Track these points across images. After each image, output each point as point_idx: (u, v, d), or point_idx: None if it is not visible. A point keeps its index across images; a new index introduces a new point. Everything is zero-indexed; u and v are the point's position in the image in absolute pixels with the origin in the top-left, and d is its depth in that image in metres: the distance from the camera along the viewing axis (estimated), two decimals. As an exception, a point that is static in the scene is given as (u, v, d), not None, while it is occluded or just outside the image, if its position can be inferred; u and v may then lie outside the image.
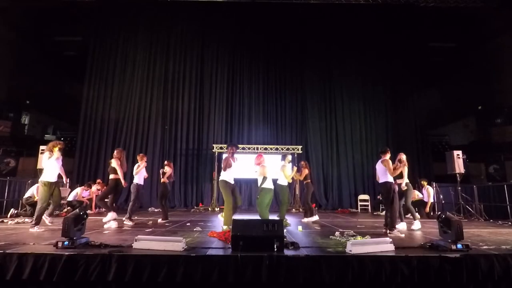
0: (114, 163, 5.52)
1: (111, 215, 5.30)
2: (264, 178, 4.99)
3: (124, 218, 6.09)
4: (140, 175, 6.07)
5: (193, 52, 12.01)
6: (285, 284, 2.84)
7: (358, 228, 5.52)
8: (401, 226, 5.30)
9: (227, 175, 5.09)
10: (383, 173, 5.03)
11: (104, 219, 5.25)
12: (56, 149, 5.00)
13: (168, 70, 11.80)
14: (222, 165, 5.15)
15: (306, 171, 6.68)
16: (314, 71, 12.11)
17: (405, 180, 5.46)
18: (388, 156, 5.08)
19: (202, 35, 12.10)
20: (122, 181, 5.54)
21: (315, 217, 6.51)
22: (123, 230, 4.93)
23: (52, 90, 14.91)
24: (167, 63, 11.87)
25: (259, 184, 5.07)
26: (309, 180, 6.72)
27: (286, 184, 5.92)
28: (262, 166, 5.08)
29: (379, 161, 5.16)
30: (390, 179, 4.96)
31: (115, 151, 5.76)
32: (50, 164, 4.94)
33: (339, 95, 11.98)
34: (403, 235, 4.65)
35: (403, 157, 5.25)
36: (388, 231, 4.81)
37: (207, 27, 12.13)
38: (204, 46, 12.08)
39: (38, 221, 4.72)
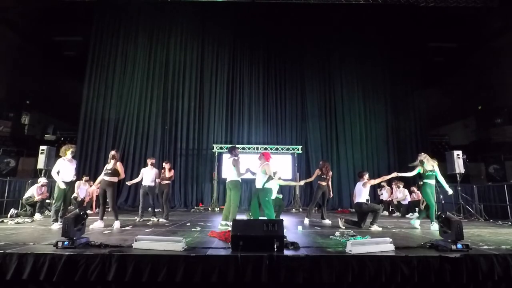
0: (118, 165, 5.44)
1: (117, 223, 5.29)
2: (269, 177, 4.94)
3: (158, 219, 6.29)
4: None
5: (193, 52, 11.97)
6: (285, 284, 2.84)
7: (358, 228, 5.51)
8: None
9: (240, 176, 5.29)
10: (359, 194, 5.58)
11: (114, 225, 5.23)
12: (69, 152, 5.53)
13: (168, 70, 11.77)
14: (236, 168, 5.26)
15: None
16: (314, 71, 12.08)
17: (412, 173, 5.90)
18: (365, 177, 5.67)
19: (202, 35, 12.07)
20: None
21: (306, 219, 6.34)
22: (123, 230, 4.93)
23: (52, 90, 14.91)
24: (167, 63, 11.84)
25: (261, 184, 4.97)
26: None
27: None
28: (266, 165, 5.03)
29: (360, 183, 5.69)
30: (364, 199, 5.56)
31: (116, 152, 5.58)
32: (64, 165, 5.42)
33: (339, 95, 11.95)
34: (380, 229, 5.30)
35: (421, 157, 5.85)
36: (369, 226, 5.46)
37: (207, 27, 12.11)
38: (204, 46, 12.05)
39: (56, 218, 5.25)
